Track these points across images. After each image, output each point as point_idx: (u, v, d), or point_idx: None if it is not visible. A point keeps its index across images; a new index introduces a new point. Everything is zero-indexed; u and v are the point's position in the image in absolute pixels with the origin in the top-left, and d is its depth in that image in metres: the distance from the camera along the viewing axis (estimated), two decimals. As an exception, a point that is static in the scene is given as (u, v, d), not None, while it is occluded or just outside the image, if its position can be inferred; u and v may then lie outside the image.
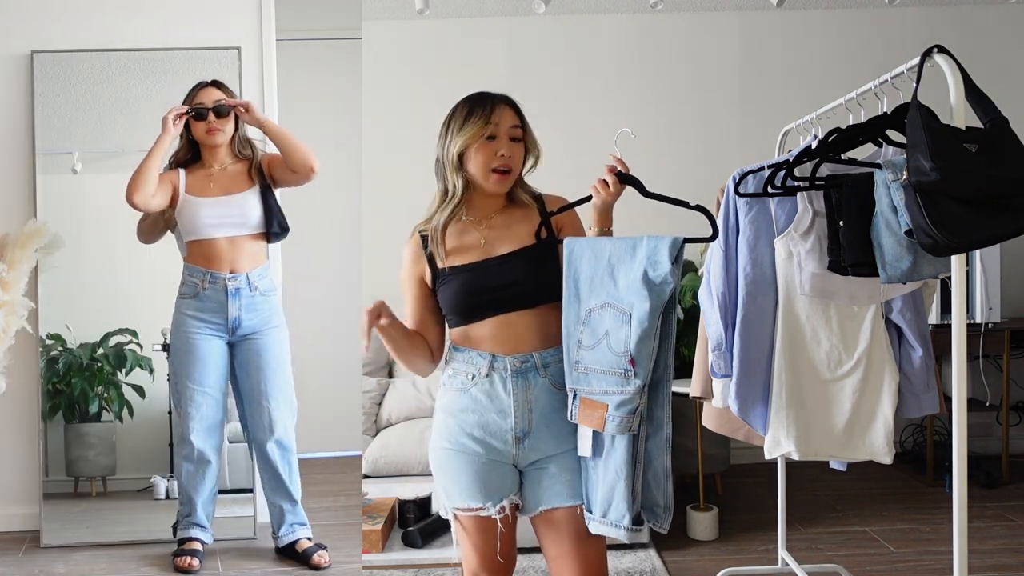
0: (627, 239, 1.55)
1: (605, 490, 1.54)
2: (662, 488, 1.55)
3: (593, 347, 1.54)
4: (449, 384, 1.66)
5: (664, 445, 1.54)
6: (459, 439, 1.62)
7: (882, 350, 2.00)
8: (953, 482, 1.72)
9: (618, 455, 1.52)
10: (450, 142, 1.63)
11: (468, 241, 1.64)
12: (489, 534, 1.63)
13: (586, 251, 1.58)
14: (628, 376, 1.49)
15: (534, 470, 1.63)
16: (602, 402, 1.51)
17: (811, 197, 1.99)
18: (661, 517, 1.56)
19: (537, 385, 1.60)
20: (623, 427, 1.50)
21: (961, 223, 1.56)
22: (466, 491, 1.62)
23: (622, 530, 1.53)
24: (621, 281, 1.52)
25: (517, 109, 1.65)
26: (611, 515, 1.54)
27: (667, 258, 1.48)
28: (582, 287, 1.57)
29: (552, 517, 1.62)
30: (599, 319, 1.54)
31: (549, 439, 1.61)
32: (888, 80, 1.91)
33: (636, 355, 1.48)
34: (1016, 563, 2.81)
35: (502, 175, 1.61)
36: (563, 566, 1.62)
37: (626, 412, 1.49)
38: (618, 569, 2.76)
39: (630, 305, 1.50)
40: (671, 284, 1.48)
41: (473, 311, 1.61)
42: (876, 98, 1.97)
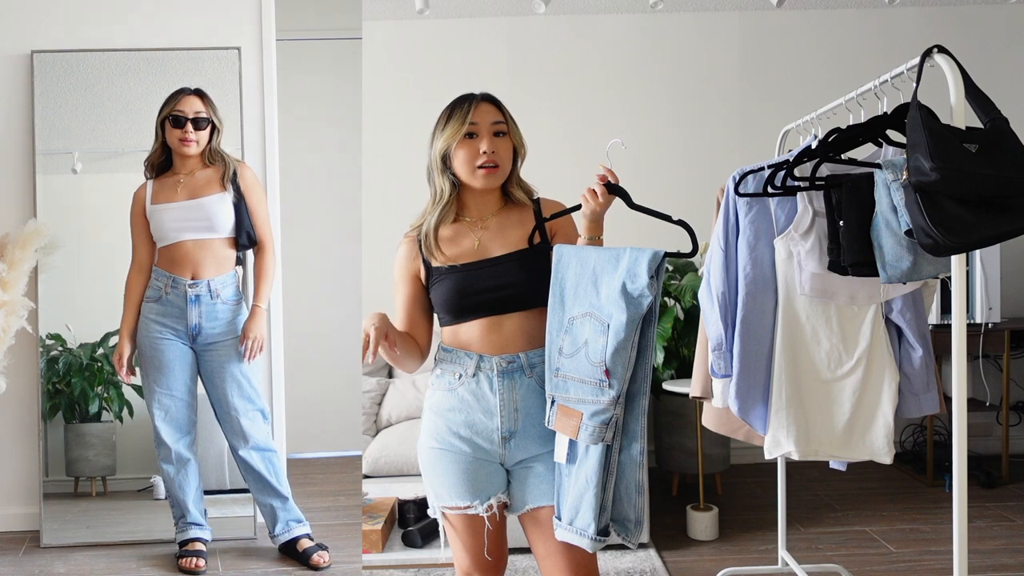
0: (611, 250, 1.55)
1: (574, 497, 1.54)
2: (633, 502, 1.54)
3: (573, 355, 1.54)
4: (437, 384, 1.67)
5: (637, 459, 1.53)
6: (446, 438, 1.63)
7: (882, 350, 2.00)
8: (953, 482, 1.72)
9: (590, 464, 1.52)
10: (433, 145, 1.65)
11: (463, 242, 1.65)
12: (478, 533, 1.64)
13: (572, 259, 1.58)
14: (603, 386, 1.49)
15: (520, 469, 1.64)
16: (577, 410, 1.52)
17: (811, 197, 1.99)
18: (631, 531, 1.56)
19: (523, 385, 1.61)
20: (596, 437, 1.50)
21: (961, 223, 1.56)
22: (454, 490, 1.63)
23: (586, 539, 1.53)
24: (603, 291, 1.53)
25: (499, 105, 1.66)
26: (577, 523, 1.54)
27: (646, 271, 1.47)
28: (567, 295, 1.58)
29: (539, 516, 1.62)
30: (580, 328, 1.54)
31: (535, 439, 1.62)
32: (888, 80, 1.91)
33: (611, 366, 1.48)
34: (1016, 563, 2.81)
35: (488, 171, 1.62)
36: (552, 564, 1.62)
37: (599, 422, 1.50)
38: (618, 569, 2.76)
39: (609, 316, 1.50)
40: (648, 298, 1.47)
41: (464, 311, 1.63)
42: (876, 98, 1.97)
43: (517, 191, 1.68)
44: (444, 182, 1.65)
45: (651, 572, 2.76)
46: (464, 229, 1.66)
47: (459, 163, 1.62)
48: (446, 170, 1.64)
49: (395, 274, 1.71)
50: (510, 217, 1.68)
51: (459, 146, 1.62)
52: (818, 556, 2.87)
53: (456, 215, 1.67)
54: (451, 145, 1.62)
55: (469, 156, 1.61)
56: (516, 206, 1.69)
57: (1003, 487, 3.62)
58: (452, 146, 1.62)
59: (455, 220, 1.67)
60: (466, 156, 1.62)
